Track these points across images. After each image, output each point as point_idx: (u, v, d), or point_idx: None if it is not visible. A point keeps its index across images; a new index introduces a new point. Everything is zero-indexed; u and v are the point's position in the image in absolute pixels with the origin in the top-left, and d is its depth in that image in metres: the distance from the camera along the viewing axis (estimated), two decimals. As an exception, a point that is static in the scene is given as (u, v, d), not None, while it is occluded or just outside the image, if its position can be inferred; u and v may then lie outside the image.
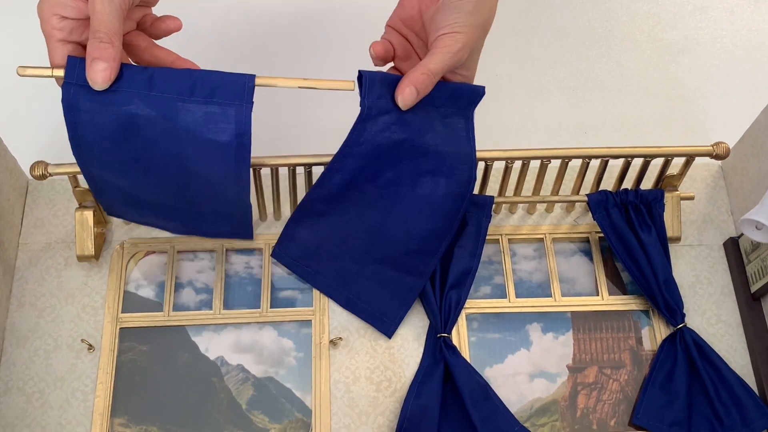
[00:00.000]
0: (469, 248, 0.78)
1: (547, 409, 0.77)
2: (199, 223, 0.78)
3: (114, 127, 0.63)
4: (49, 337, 0.77)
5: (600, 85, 0.96)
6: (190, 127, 0.63)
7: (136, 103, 0.62)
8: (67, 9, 0.60)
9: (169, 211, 0.76)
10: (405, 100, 0.66)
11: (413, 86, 0.65)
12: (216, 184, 0.69)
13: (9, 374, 0.75)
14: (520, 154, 0.76)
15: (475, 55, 0.68)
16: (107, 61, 0.60)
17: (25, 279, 0.79)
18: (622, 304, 0.81)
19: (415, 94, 0.65)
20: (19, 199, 0.82)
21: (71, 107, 0.62)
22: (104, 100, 0.62)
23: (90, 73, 0.60)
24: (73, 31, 0.62)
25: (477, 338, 0.79)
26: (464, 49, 0.65)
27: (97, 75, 0.60)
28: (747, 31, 0.99)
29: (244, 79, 0.62)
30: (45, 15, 0.61)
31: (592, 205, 0.79)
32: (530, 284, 0.82)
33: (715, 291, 0.82)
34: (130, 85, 0.61)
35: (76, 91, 0.61)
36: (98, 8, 0.59)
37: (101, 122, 0.62)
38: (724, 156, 0.77)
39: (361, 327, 0.78)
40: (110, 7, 0.59)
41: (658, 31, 0.99)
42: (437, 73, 0.65)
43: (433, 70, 0.65)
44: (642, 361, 0.79)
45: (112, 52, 0.60)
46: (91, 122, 0.62)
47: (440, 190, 0.72)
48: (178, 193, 0.71)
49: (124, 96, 0.62)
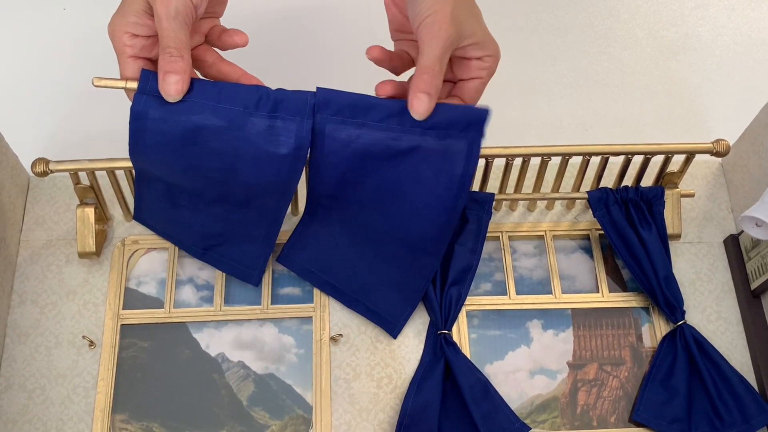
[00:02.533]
0: (470, 245, 0.78)
1: (548, 405, 0.77)
2: (215, 244, 0.78)
3: (178, 135, 0.65)
4: (51, 334, 0.77)
5: (601, 82, 0.96)
6: (252, 138, 0.65)
7: (205, 113, 0.64)
8: (137, 27, 0.63)
9: (196, 223, 0.76)
10: (417, 110, 0.63)
11: (419, 93, 0.63)
12: (258, 197, 0.70)
13: (10, 371, 0.75)
14: (521, 151, 0.76)
15: (471, 20, 0.64)
16: (179, 74, 0.62)
17: (27, 276, 0.79)
18: (623, 301, 0.81)
19: (426, 98, 0.63)
20: (21, 196, 0.82)
21: (139, 115, 0.64)
22: (174, 109, 0.64)
23: (163, 86, 0.62)
24: (143, 48, 0.64)
25: (477, 335, 0.79)
26: (449, 24, 0.62)
27: (170, 87, 0.62)
28: (747, 28, 0.99)
29: (306, 96, 0.65)
30: (116, 33, 0.64)
31: (593, 202, 0.80)
32: (531, 281, 0.82)
33: (715, 288, 0.82)
34: (201, 96, 0.64)
35: (146, 100, 0.64)
36: (165, 25, 0.61)
37: (166, 130, 0.65)
38: (725, 153, 0.77)
39: (362, 324, 0.79)
40: (176, 22, 0.61)
41: (659, 28, 0.99)
42: (435, 64, 0.62)
43: (429, 65, 0.62)
44: (642, 357, 0.79)
45: (183, 65, 0.62)
46: (156, 129, 0.64)
47: (424, 202, 0.71)
48: (217, 204, 0.73)
49: (193, 107, 0.64)
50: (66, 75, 0.94)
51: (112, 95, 0.87)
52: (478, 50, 0.65)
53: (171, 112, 0.64)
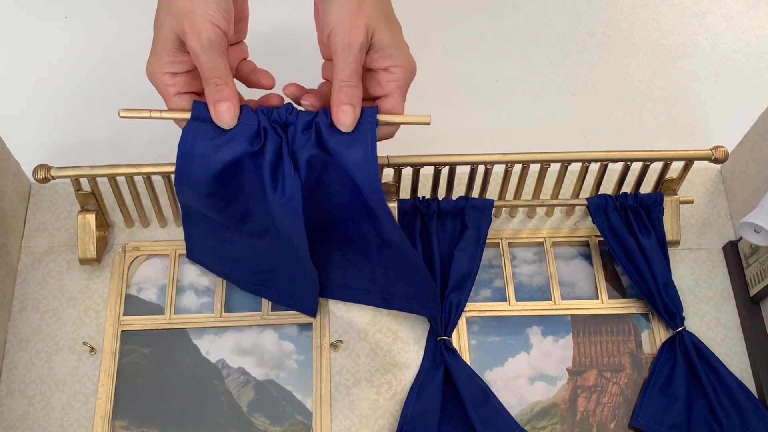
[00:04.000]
0: (470, 251, 0.79)
1: (547, 412, 0.77)
2: (267, 279, 0.78)
3: (221, 168, 0.64)
4: (51, 340, 0.77)
5: (600, 89, 0.96)
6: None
7: (244, 143, 0.64)
8: (174, 66, 0.63)
9: (246, 259, 0.76)
10: (343, 122, 0.62)
11: (343, 105, 0.61)
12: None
13: (11, 377, 0.75)
14: (520, 158, 0.76)
15: (383, 29, 0.61)
16: (228, 101, 0.62)
17: (28, 282, 0.80)
18: (622, 307, 0.81)
19: (350, 110, 0.62)
20: (22, 203, 0.82)
21: (186, 154, 0.64)
22: (218, 143, 0.64)
23: (216, 116, 0.63)
24: (185, 83, 0.64)
25: (477, 341, 0.79)
26: (358, 32, 0.60)
27: (223, 115, 0.62)
28: (746, 36, 1.00)
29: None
30: (156, 76, 0.64)
31: (592, 209, 0.80)
32: (530, 288, 0.82)
33: (714, 294, 0.82)
34: (243, 126, 0.64)
35: (193, 137, 0.63)
36: (203, 58, 0.61)
37: (211, 164, 0.64)
38: (723, 160, 0.77)
39: (362, 330, 0.79)
40: (211, 53, 0.61)
41: (658, 36, 1.00)
42: (352, 77, 0.61)
43: (346, 78, 0.61)
44: (642, 364, 0.79)
45: (230, 92, 0.62)
46: (201, 165, 0.64)
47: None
48: (263, 238, 0.73)
49: (237, 135, 0.64)
50: (67, 82, 0.94)
51: (111, 102, 0.88)
52: (386, 60, 0.63)
53: (215, 146, 0.64)
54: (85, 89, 0.94)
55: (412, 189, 0.80)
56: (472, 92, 0.95)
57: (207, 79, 0.62)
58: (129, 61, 0.91)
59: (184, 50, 0.62)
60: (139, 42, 0.94)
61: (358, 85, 0.62)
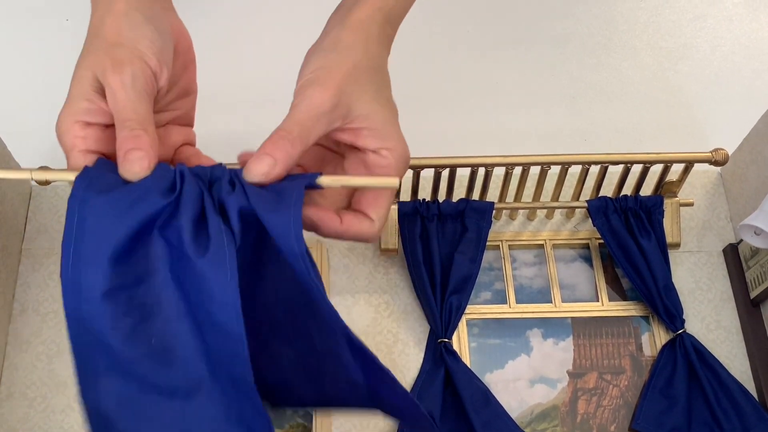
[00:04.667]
0: (470, 254, 0.79)
1: (548, 414, 0.77)
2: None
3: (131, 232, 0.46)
4: (52, 342, 0.77)
5: (600, 92, 0.96)
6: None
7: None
8: (89, 114, 0.49)
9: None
10: (252, 170, 0.47)
11: (263, 153, 0.48)
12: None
13: (11, 379, 0.75)
14: (520, 160, 0.77)
15: (368, 101, 0.50)
16: (143, 150, 0.47)
17: (28, 284, 0.80)
18: (622, 310, 0.81)
19: (268, 161, 0.48)
20: (23, 205, 0.82)
21: (79, 197, 0.45)
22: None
23: (125, 165, 0.47)
24: (99, 140, 0.49)
25: (477, 344, 0.79)
26: (326, 90, 0.49)
27: (133, 165, 0.47)
28: (746, 39, 1.00)
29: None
30: (65, 125, 0.49)
31: (592, 211, 0.80)
32: (530, 290, 0.82)
33: (714, 297, 0.82)
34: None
35: (94, 178, 0.47)
36: (120, 96, 0.48)
37: (120, 223, 0.45)
38: (723, 162, 0.77)
39: (362, 332, 0.79)
40: (134, 92, 0.48)
41: (658, 39, 1.00)
42: (293, 128, 0.48)
43: (285, 127, 0.48)
44: (642, 366, 0.79)
45: (148, 141, 0.48)
46: (104, 219, 0.46)
47: None
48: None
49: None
50: (68, 84, 0.94)
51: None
52: (374, 139, 0.50)
53: (119, 205, 0.46)
54: (85, 92, 0.94)
55: (413, 191, 0.80)
56: (472, 95, 0.95)
57: (122, 122, 0.48)
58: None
59: (103, 99, 0.49)
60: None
61: (295, 142, 0.48)
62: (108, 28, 0.50)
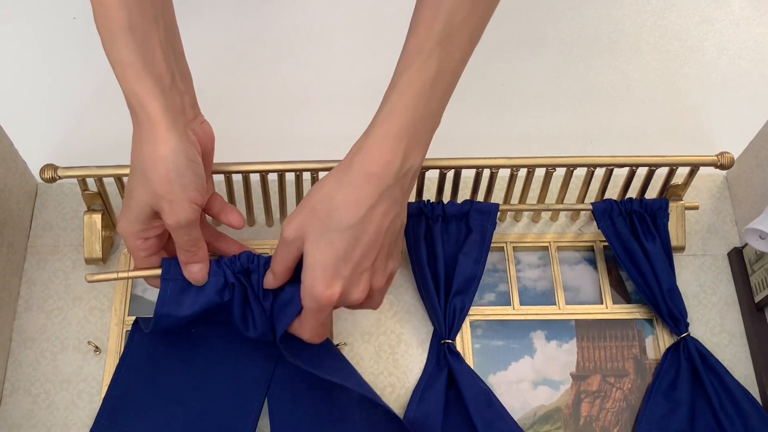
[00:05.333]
0: (474, 255, 0.79)
1: (551, 416, 0.77)
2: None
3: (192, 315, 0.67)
4: (56, 339, 0.77)
5: (605, 95, 0.96)
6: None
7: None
8: (146, 232, 0.64)
9: None
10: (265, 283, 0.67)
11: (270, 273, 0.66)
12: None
13: (16, 375, 0.76)
14: (525, 162, 0.77)
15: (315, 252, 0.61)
16: (200, 262, 0.65)
17: (33, 281, 0.80)
18: (626, 312, 0.81)
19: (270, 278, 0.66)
20: (29, 203, 0.83)
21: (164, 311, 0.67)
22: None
23: (189, 276, 0.66)
24: (155, 244, 0.66)
25: (481, 345, 0.79)
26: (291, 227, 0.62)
27: (196, 275, 0.66)
28: (753, 43, 1.00)
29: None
30: (127, 237, 0.65)
31: (597, 214, 0.80)
32: (534, 292, 0.82)
33: (719, 301, 0.82)
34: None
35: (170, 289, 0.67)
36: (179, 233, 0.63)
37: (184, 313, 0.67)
38: (729, 166, 0.77)
39: (366, 333, 0.79)
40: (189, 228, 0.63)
41: (664, 42, 1.00)
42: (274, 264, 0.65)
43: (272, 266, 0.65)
44: (645, 369, 0.79)
45: (202, 255, 0.65)
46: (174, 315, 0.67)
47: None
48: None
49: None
50: (75, 82, 0.95)
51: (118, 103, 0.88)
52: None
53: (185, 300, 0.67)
54: (92, 90, 0.94)
55: (417, 192, 0.80)
56: (477, 97, 0.95)
57: (181, 246, 0.64)
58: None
59: (158, 219, 0.63)
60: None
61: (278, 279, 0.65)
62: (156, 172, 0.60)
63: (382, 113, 0.61)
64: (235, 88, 0.94)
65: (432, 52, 0.60)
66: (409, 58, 0.61)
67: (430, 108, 0.62)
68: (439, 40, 0.60)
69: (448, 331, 0.77)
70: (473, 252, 0.79)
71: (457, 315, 0.77)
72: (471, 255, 0.79)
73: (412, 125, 0.61)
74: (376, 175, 0.60)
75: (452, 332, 0.77)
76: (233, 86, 0.94)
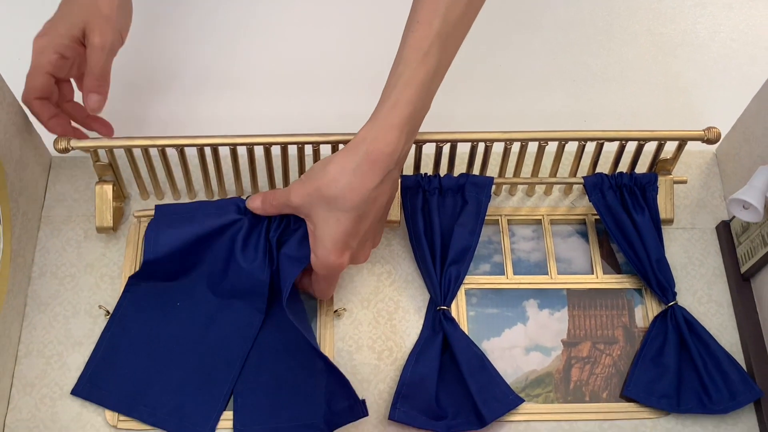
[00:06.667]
0: (469, 226, 0.82)
1: (542, 380, 0.80)
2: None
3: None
4: (69, 304, 0.81)
5: (600, 76, 0.99)
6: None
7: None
8: (68, 50, 0.74)
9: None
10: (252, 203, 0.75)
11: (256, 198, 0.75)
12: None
13: (30, 337, 0.79)
14: (518, 136, 0.79)
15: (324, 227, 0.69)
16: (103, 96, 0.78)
17: (47, 249, 0.83)
18: (616, 282, 0.84)
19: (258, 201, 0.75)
20: (43, 175, 0.86)
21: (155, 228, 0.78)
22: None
23: (87, 102, 0.77)
24: (61, 68, 0.75)
25: (476, 313, 0.82)
26: (298, 195, 0.70)
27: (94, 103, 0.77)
28: (745, 26, 1.02)
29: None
30: (45, 49, 0.73)
31: (588, 187, 0.83)
32: (528, 264, 0.85)
33: (706, 272, 0.85)
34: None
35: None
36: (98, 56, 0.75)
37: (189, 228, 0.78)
38: (716, 140, 0.80)
39: (365, 299, 0.82)
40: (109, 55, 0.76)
41: (658, 25, 1.02)
42: (269, 201, 0.74)
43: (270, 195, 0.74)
44: (634, 337, 0.82)
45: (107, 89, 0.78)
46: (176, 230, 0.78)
47: None
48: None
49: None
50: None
51: (129, 77, 0.91)
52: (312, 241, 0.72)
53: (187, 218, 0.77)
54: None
55: (415, 166, 0.83)
56: (476, 77, 0.98)
57: (92, 72, 0.75)
58: (144, 37, 0.95)
59: (82, 41, 0.73)
60: (153, 18, 0.98)
61: (267, 209, 0.76)
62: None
63: (387, 105, 0.68)
64: (243, 67, 0.97)
65: (432, 48, 0.68)
66: (410, 53, 0.68)
67: (429, 98, 0.70)
68: (439, 36, 0.67)
69: (444, 298, 0.80)
70: (468, 223, 0.82)
71: (452, 283, 0.80)
72: (466, 226, 0.82)
73: (413, 116, 0.68)
74: (380, 162, 0.67)
75: (447, 299, 0.80)
76: (243, 65, 0.97)
